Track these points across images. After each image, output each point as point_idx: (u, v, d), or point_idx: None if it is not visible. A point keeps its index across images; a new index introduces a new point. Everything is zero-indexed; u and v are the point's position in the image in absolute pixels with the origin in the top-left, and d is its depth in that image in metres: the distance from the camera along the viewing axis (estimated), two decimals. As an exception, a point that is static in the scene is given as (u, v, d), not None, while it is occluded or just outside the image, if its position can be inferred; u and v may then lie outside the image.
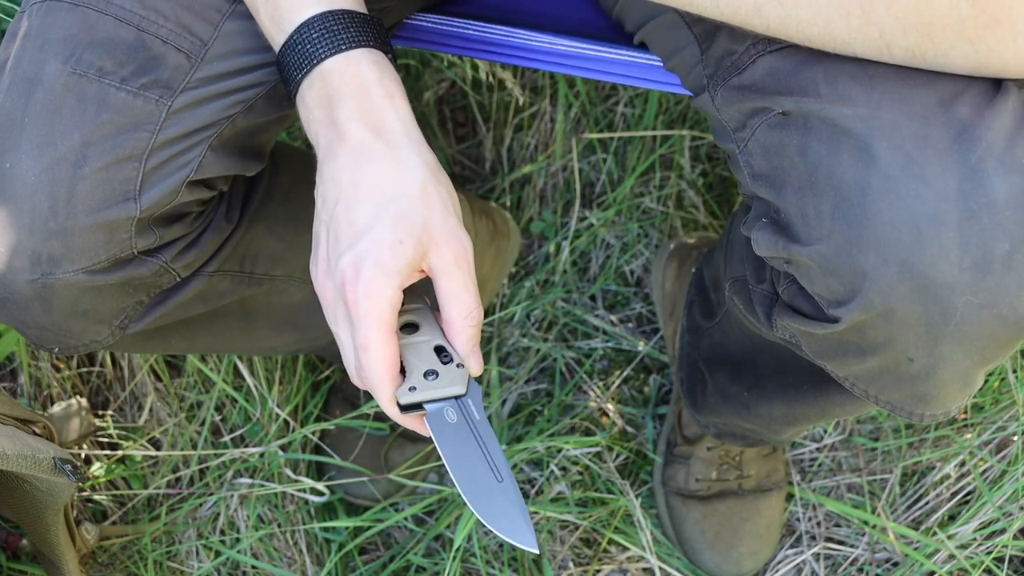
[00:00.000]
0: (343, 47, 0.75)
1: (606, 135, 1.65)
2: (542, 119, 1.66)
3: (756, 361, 1.13)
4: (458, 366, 0.77)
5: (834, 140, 0.69)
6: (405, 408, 0.76)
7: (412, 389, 0.75)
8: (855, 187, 0.68)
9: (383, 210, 0.72)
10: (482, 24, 0.99)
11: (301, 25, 0.75)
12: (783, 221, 0.74)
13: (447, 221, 0.73)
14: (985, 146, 0.65)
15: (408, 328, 0.79)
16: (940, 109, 0.67)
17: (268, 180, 0.99)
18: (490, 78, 1.63)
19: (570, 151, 1.64)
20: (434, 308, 0.80)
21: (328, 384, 1.52)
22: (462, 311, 0.75)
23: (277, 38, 0.77)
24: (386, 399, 0.75)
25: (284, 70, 0.77)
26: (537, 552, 0.73)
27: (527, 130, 1.68)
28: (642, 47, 0.97)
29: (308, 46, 0.75)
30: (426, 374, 0.76)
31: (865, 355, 0.75)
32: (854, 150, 0.68)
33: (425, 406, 0.76)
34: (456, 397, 0.77)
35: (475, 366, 0.77)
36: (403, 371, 0.77)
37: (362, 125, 0.74)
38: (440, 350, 0.78)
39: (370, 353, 0.73)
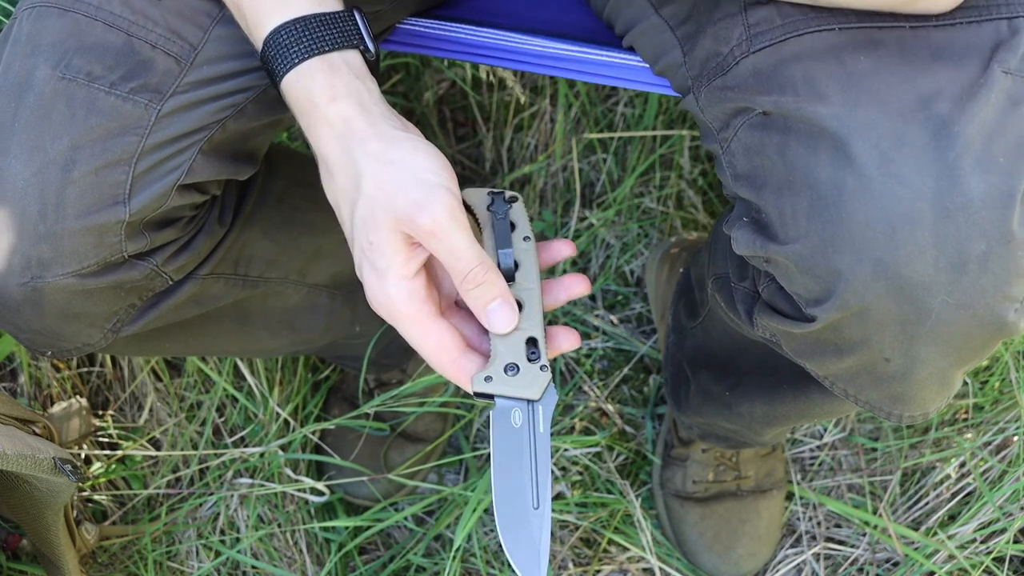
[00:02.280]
0: (296, 60, 0.75)
1: (606, 135, 1.65)
2: (542, 119, 1.66)
3: (738, 361, 1.13)
4: (542, 368, 0.75)
5: (812, 139, 0.69)
6: (477, 394, 0.75)
7: (488, 379, 0.74)
8: (831, 186, 0.68)
9: (352, 219, 0.72)
10: (475, 28, 0.99)
11: (264, 44, 0.76)
12: (763, 221, 0.74)
13: (409, 194, 0.70)
14: (963, 143, 0.65)
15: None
16: (918, 107, 0.66)
17: (262, 183, 0.99)
18: (490, 77, 1.63)
19: (570, 151, 1.63)
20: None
21: (328, 384, 1.52)
22: (457, 276, 0.72)
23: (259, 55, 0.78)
24: (456, 379, 0.74)
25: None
26: None
27: (527, 130, 1.68)
28: (631, 50, 0.97)
29: (271, 64, 0.76)
30: (508, 367, 0.74)
31: (842, 354, 0.75)
32: (831, 149, 0.68)
33: (496, 399, 0.75)
34: (528, 400, 0.75)
35: (495, 325, 0.74)
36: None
37: (320, 140, 0.74)
38: (532, 342, 0.76)
39: (417, 348, 0.73)
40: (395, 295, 0.71)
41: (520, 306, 0.76)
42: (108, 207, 0.79)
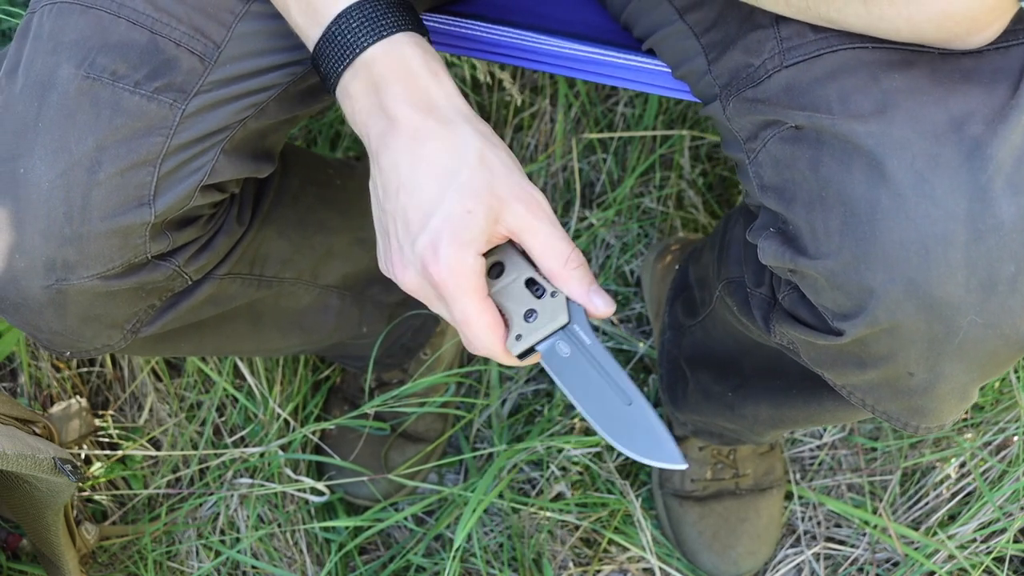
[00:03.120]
0: (385, 33, 0.73)
1: (606, 135, 1.65)
2: (542, 119, 1.66)
3: (742, 362, 1.13)
4: (552, 295, 0.76)
5: (846, 156, 0.69)
6: (520, 357, 0.76)
7: (519, 337, 0.76)
8: (865, 204, 0.68)
9: (447, 185, 0.71)
10: (490, 26, 0.98)
11: (339, 16, 0.74)
12: (791, 233, 0.74)
13: (511, 178, 0.72)
14: (995, 166, 0.66)
15: (494, 269, 0.77)
16: (951, 127, 0.67)
17: (278, 182, 0.99)
18: (488, 78, 1.63)
19: (570, 151, 1.63)
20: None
21: (328, 384, 1.51)
22: (559, 259, 0.74)
23: (312, 32, 0.75)
24: (504, 359, 0.76)
25: (323, 63, 0.76)
26: (686, 467, 0.73)
27: (527, 130, 1.68)
28: (650, 53, 0.97)
29: (348, 36, 0.74)
30: (526, 316, 0.76)
31: (866, 367, 0.76)
32: (866, 167, 0.68)
33: (537, 348, 0.76)
34: (562, 328, 0.76)
35: (601, 307, 0.75)
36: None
37: (412, 108, 0.73)
38: (531, 283, 0.76)
39: (472, 325, 0.73)
40: (472, 267, 0.71)
41: (501, 265, 0.77)
42: (133, 208, 0.79)
